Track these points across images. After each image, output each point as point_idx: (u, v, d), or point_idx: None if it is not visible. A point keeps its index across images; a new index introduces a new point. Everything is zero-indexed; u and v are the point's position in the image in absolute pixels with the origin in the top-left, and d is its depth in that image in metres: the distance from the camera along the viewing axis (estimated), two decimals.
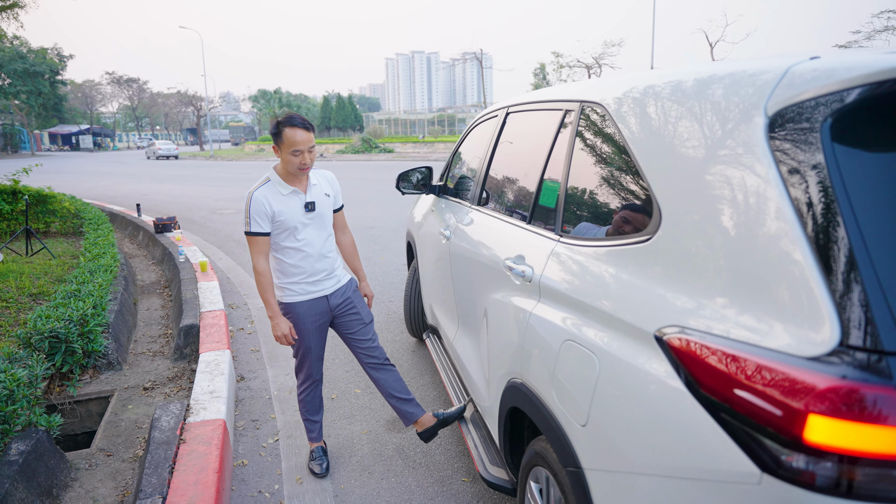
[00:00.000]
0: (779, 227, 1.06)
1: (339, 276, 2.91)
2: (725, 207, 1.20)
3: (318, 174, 2.83)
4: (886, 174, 1.00)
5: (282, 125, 2.58)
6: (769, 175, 1.12)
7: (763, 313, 1.05)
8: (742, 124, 1.21)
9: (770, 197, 1.10)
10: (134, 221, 10.08)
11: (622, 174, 1.63)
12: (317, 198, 2.75)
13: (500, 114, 2.94)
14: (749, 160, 1.17)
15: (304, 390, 3.00)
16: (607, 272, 1.52)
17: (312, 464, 3.02)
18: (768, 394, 0.96)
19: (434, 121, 68.83)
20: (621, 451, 1.30)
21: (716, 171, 1.24)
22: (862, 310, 0.92)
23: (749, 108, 1.21)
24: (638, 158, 1.51)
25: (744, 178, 1.17)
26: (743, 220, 1.15)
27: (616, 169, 1.67)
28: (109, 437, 3.33)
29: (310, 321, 2.82)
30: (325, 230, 2.81)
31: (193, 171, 28.43)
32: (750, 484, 0.98)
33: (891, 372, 0.88)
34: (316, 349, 2.91)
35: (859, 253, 0.94)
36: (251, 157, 45.33)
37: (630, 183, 1.57)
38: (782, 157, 1.11)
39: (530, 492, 2.06)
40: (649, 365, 1.26)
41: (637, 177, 1.52)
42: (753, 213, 1.13)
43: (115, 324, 4.60)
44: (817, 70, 1.12)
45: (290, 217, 2.66)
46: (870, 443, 0.87)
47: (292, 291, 2.78)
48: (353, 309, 2.93)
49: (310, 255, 2.74)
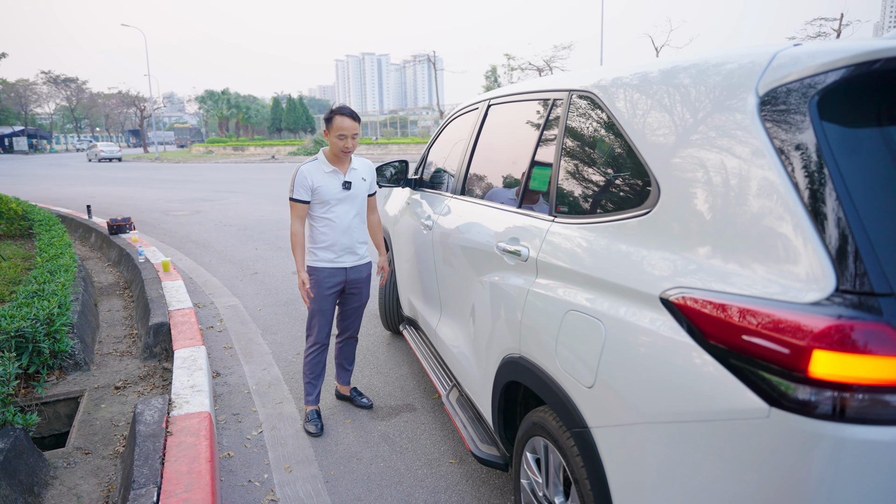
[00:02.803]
0: (773, 191, 1.19)
1: (361, 255, 3.34)
2: (721, 178, 1.32)
3: (359, 161, 3.28)
4: (868, 141, 1.14)
5: (333, 112, 3.04)
6: (762, 146, 1.25)
7: (763, 269, 1.18)
8: (735, 104, 1.34)
9: (764, 165, 1.23)
10: (85, 223, 9.73)
11: (615, 156, 1.75)
12: (353, 179, 3.19)
13: (480, 106, 3.04)
14: (743, 135, 1.30)
15: (313, 353, 3.34)
16: (608, 245, 1.63)
17: (308, 425, 3.30)
18: (775, 337, 1.08)
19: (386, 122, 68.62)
20: (630, 404, 1.41)
21: (711, 145, 1.37)
22: (853, 258, 1.05)
23: (741, 89, 1.34)
24: (633, 139, 1.63)
25: (738, 150, 1.30)
26: (739, 187, 1.27)
27: (608, 151, 1.79)
28: (85, 436, 3.26)
29: (326, 286, 3.25)
30: (356, 209, 3.23)
31: (140, 174, 27.54)
32: (759, 418, 1.10)
33: (881, 310, 1.01)
34: (327, 313, 3.30)
35: (849, 209, 1.08)
36: (199, 158, 44.19)
37: (624, 163, 1.69)
38: (773, 130, 1.24)
39: (526, 462, 2.16)
40: (655, 325, 1.37)
41: (632, 156, 1.63)
42: (748, 180, 1.26)
43: (79, 324, 4.48)
44: (802, 54, 1.26)
45: (327, 192, 3.11)
46: (865, 372, 1.00)
47: (317, 257, 3.22)
48: (359, 289, 3.40)
49: (338, 226, 3.17)
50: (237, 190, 17.83)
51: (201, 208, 13.32)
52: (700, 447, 1.24)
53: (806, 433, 1.04)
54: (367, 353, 4.42)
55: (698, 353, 1.24)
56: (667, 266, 1.40)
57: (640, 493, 1.42)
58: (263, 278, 6.76)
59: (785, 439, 1.07)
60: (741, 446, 1.15)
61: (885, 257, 1.04)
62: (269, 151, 45.15)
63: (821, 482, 1.04)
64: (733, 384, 1.16)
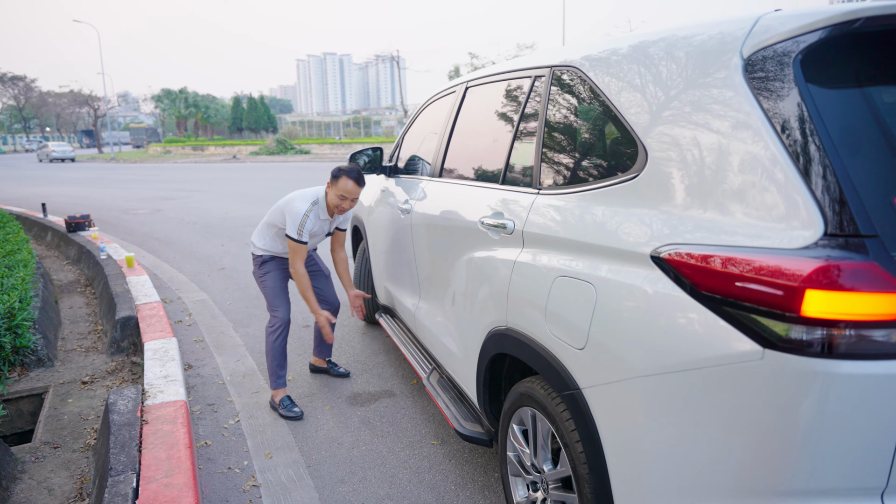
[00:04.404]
0: (761, 145, 1.24)
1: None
2: (709, 137, 1.37)
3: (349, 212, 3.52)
4: (849, 95, 1.20)
5: (342, 171, 3.17)
6: (748, 105, 1.30)
7: (754, 220, 1.23)
8: (721, 66, 1.39)
9: (751, 123, 1.28)
10: (40, 222, 9.38)
11: (599, 125, 1.79)
12: (336, 226, 3.51)
13: (458, 89, 3.05)
14: (729, 95, 1.34)
15: (278, 335, 3.38)
16: (597, 211, 1.66)
17: (284, 411, 3.29)
18: (769, 281, 1.13)
19: (350, 122, 68.12)
20: (623, 361, 1.44)
21: (698, 107, 1.41)
22: (839, 204, 1.11)
23: (726, 52, 1.39)
24: (618, 107, 1.66)
25: (725, 110, 1.34)
26: (726, 144, 1.32)
27: (592, 121, 1.83)
28: (53, 431, 3.15)
29: (276, 264, 3.46)
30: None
31: (95, 174, 26.69)
32: (753, 361, 1.15)
33: (868, 250, 1.07)
34: (282, 283, 3.47)
35: (834, 159, 1.13)
36: (157, 159, 43.05)
37: (609, 131, 1.72)
38: (759, 89, 1.29)
39: (513, 434, 2.18)
40: (647, 282, 1.41)
41: (617, 124, 1.67)
42: (736, 137, 1.30)
43: (40, 320, 4.32)
44: (784, 17, 1.31)
45: (316, 235, 3.39)
46: (855, 308, 1.05)
47: (270, 253, 3.44)
48: (314, 261, 3.64)
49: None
50: (199, 189, 17.45)
51: (162, 207, 13.00)
52: (694, 396, 1.28)
53: (799, 371, 1.09)
54: (342, 344, 4.39)
55: (691, 305, 1.28)
56: (657, 225, 1.44)
57: (634, 448, 1.45)
58: (232, 273, 6.64)
59: (778, 378, 1.11)
60: (735, 390, 1.19)
61: (868, 201, 1.10)
62: (230, 151, 44.26)
63: (813, 417, 1.09)
64: (727, 331, 1.20)
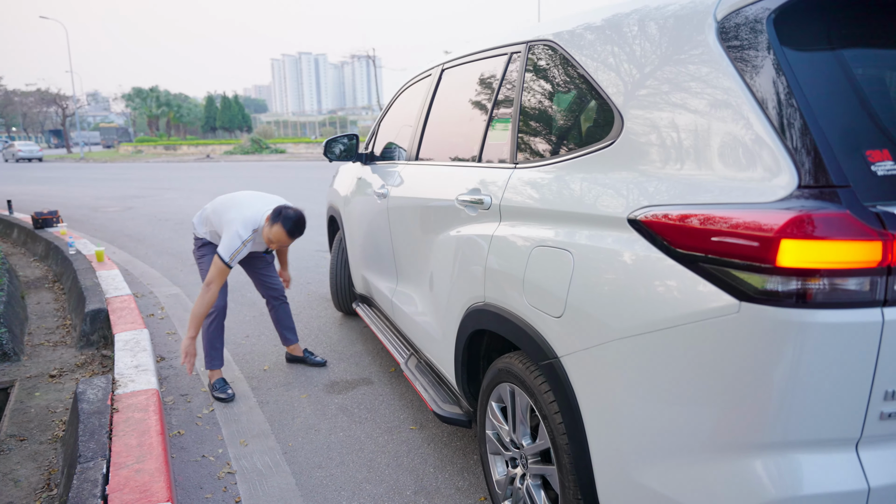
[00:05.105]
0: (735, 104, 1.25)
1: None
2: (683, 99, 1.37)
3: None
4: (820, 52, 1.21)
5: (287, 222, 3.11)
6: (722, 66, 1.30)
7: (729, 177, 1.23)
8: (695, 29, 1.39)
9: (725, 85, 1.28)
10: (5, 219, 9.12)
11: (575, 97, 1.78)
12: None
13: (433, 72, 3.03)
14: (705, 57, 1.35)
15: (212, 319, 3.38)
16: (574, 180, 1.66)
17: (217, 393, 3.32)
18: (745, 234, 1.13)
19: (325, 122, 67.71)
20: (601, 324, 1.44)
21: (673, 71, 1.42)
22: (812, 157, 1.12)
23: (700, 16, 1.39)
24: (594, 76, 1.66)
25: (699, 71, 1.35)
26: (701, 105, 1.32)
27: (567, 93, 1.82)
28: (19, 424, 3.06)
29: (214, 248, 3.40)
30: None
31: (64, 173, 26.10)
32: (729, 315, 1.15)
33: (841, 199, 1.08)
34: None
35: (807, 113, 1.14)
36: (128, 158, 42.30)
37: (585, 101, 1.72)
38: (734, 51, 1.29)
39: (491, 412, 2.17)
40: (624, 245, 1.40)
41: (593, 93, 1.67)
42: (710, 98, 1.31)
43: (5, 314, 4.20)
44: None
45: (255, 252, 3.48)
46: (829, 256, 1.06)
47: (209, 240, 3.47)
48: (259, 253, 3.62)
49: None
50: (171, 187, 17.15)
51: (133, 204, 12.75)
52: (671, 354, 1.28)
53: (775, 321, 1.09)
54: (319, 334, 4.34)
55: (668, 264, 1.28)
56: (633, 189, 1.44)
57: (613, 413, 1.45)
58: None
59: (755, 330, 1.12)
60: (712, 346, 1.19)
61: (841, 154, 1.11)
62: (203, 151, 43.61)
63: (788, 368, 1.09)
64: (703, 286, 1.20)
